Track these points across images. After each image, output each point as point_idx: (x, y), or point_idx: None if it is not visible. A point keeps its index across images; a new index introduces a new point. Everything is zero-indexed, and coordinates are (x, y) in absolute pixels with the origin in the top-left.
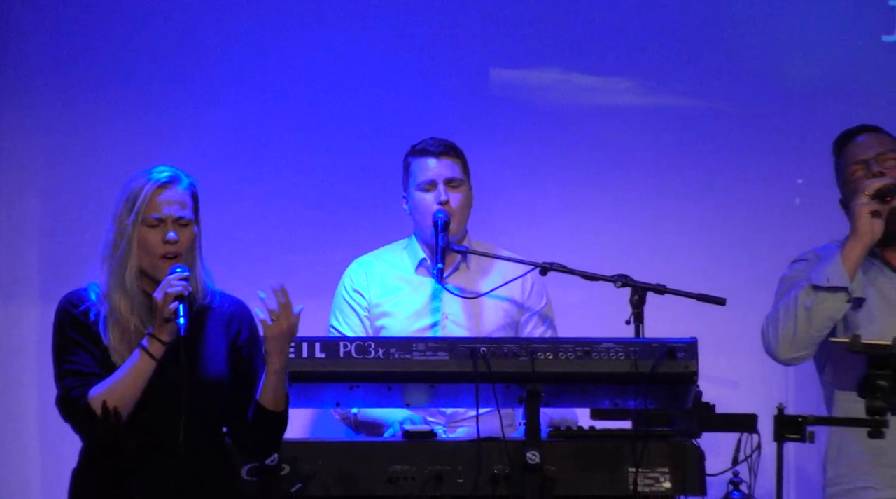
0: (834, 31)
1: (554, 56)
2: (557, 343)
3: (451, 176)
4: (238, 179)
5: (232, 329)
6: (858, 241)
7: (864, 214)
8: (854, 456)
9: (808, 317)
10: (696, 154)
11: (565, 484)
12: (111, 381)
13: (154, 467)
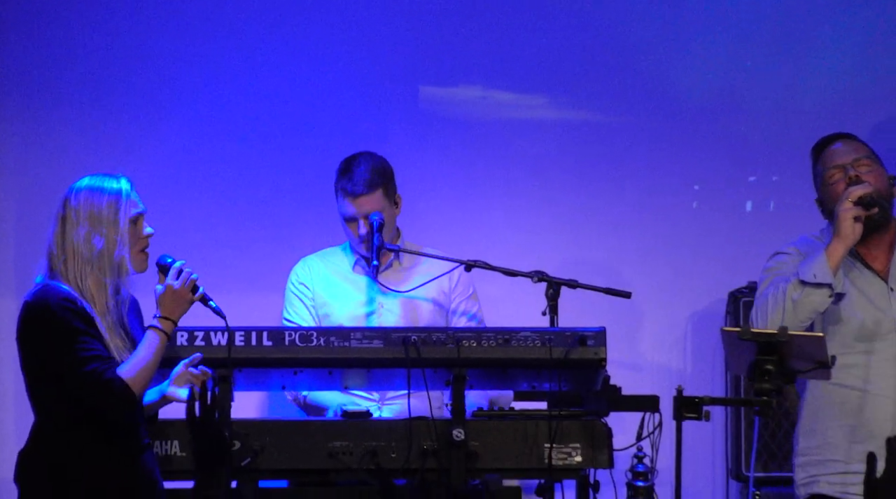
0: (731, 43)
1: (476, 75)
2: (480, 332)
3: (371, 210)
4: (198, 185)
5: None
6: (841, 242)
7: (847, 218)
8: (827, 432)
9: (795, 308)
10: (604, 163)
11: (487, 458)
12: (139, 361)
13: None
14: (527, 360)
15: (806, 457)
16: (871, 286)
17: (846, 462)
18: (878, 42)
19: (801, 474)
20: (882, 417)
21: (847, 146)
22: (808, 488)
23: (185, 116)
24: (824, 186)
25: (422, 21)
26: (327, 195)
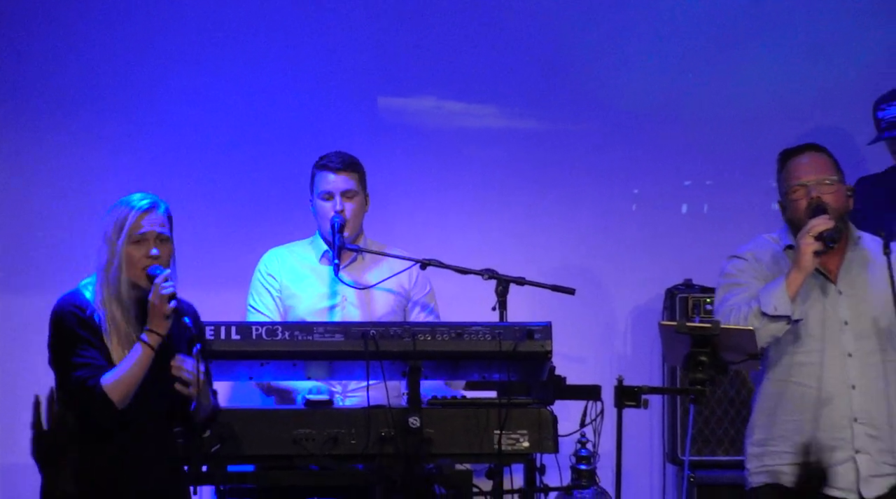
0: (671, 57)
1: (430, 86)
2: (435, 326)
3: (346, 188)
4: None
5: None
6: (801, 273)
7: (807, 252)
8: (780, 425)
9: (755, 334)
10: (549, 168)
11: (441, 444)
12: (120, 371)
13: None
14: (478, 352)
15: (760, 448)
16: (822, 289)
17: (796, 454)
18: (810, 55)
19: (754, 464)
20: (833, 411)
21: (813, 163)
22: (761, 478)
23: (158, 122)
24: (787, 196)
25: (380, 36)
26: (294, 196)
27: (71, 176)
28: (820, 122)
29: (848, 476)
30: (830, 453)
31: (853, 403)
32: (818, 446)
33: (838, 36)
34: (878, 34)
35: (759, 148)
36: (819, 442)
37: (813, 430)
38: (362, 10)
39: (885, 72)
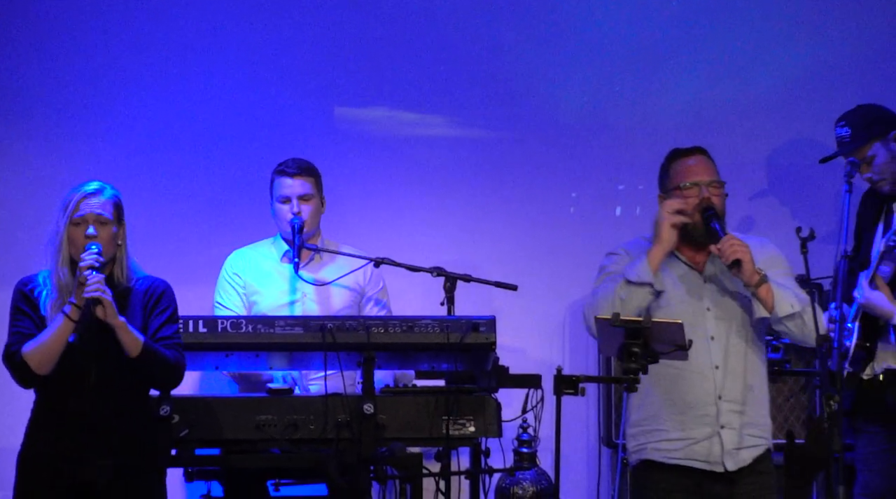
0: (601, 70)
1: (383, 97)
2: (387, 320)
3: (303, 192)
4: (141, 187)
5: (149, 303)
6: (660, 247)
7: (666, 226)
8: (652, 406)
9: (623, 305)
10: (494, 173)
11: (393, 429)
12: (39, 339)
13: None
14: (428, 344)
15: (636, 428)
16: (689, 279)
17: (668, 431)
18: (731, 68)
19: (632, 443)
20: (699, 390)
21: (704, 165)
22: (638, 455)
23: (130, 128)
24: (675, 192)
25: (337, 51)
26: (256, 198)
27: (42, 178)
28: (739, 131)
29: (713, 449)
30: (698, 428)
31: (717, 382)
32: (683, 422)
33: (758, 51)
34: (799, 50)
35: None
36: (688, 418)
37: (682, 408)
38: (320, 26)
39: (805, 86)
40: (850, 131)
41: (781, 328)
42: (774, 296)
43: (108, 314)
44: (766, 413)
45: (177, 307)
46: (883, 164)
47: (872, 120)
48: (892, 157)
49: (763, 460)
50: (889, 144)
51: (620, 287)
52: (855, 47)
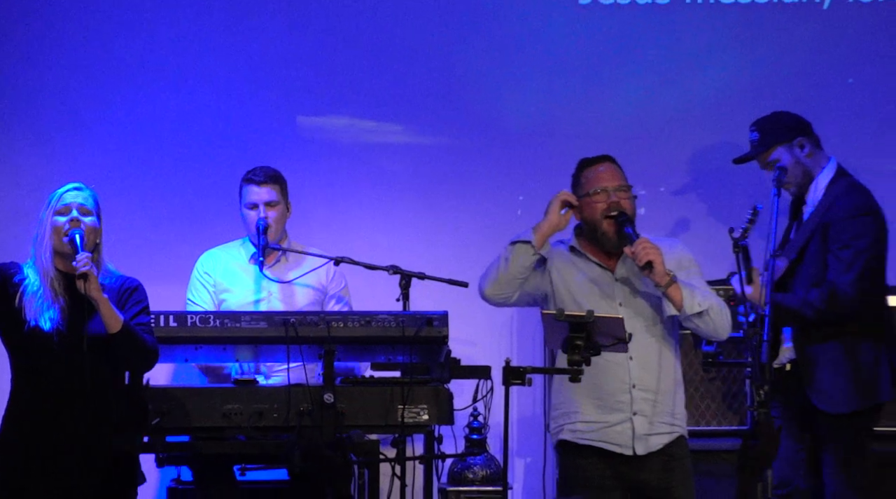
0: (548, 81)
1: (343, 107)
2: (347, 315)
3: (269, 199)
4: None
5: (123, 297)
6: (546, 221)
7: (555, 208)
8: (569, 391)
9: (507, 265)
10: (447, 177)
11: (352, 417)
12: None
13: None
14: (384, 337)
15: (556, 412)
16: (601, 279)
17: (584, 414)
18: (667, 78)
19: (553, 426)
20: (615, 379)
21: (612, 171)
22: (557, 436)
23: (106, 133)
24: (586, 197)
25: (300, 64)
26: (224, 202)
27: (20, 176)
28: (674, 137)
29: (625, 434)
30: (612, 413)
31: (631, 372)
32: (597, 406)
33: (693, 63)
34: (731, 62)
35: (626, 161)
36: (603, 404)
37: (598, 394)
38: (284, 42)
39: (736, 95)
40: (758, 136)
41: (690, 325)
42: (683, 295)
43: (92, 288)
44: (680, 402)
45: (148, 303)
46: (787, 168)
47: (779, 126)
48: (795, 161)
49: (673, 446)
50: (793, 148)
51: (506, 250)
52: (782, 60)
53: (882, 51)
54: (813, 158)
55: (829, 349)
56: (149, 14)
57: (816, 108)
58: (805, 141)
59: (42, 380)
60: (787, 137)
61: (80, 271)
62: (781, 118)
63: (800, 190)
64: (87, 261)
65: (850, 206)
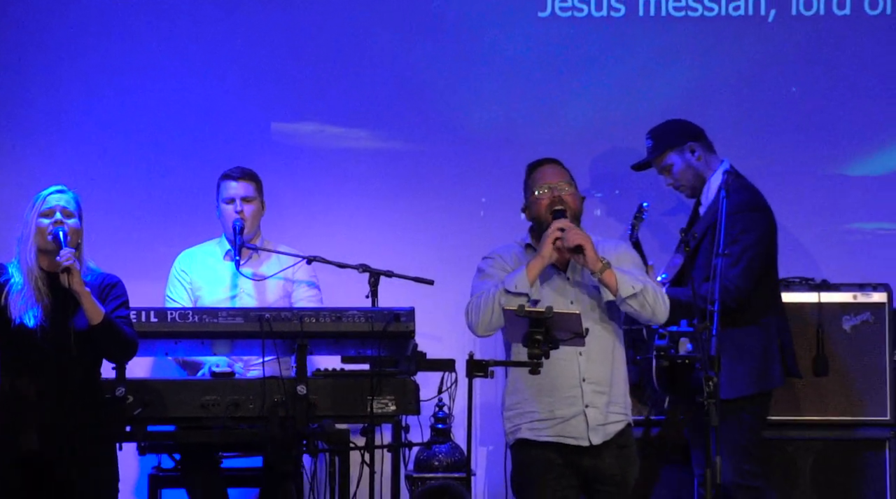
0: (507, 88)
1: (313, 114)
2: (319, 311)
3: (245, 194)
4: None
5: (104, 293)
6: (539, 260)
7: (549, 243)
8: (523, 390)
9: (501, 311)
10: (413, 180)
11: (323, 407)
12: None
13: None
14: (354, 332)
15: (511, 411)
16: (554, 279)
17: (539, 412)
18: (620, 88)
19: (508, 425)
20: (564, 375)
21: (554, 170)
22: (514, 435)
23: (89, 134)
24: (532, 198)
25: (272, 73)
26: (201, 203)
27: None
28: (628, 143)
29: (579, 426)
30: (566, 408)
31: (581, 366)
32: (551, 404)
33: (645, 75)
34: (681, 74)
35: (577, 163)
36: (556, 400)
37: (550, 390)
38: (258, 52)
39: (685, 105)
40: (652, 143)
41: (629, 309)
42: (617, 280)
43: (74, 282)
44: (626, 393)
45: (127, 298)
46: (679, 172)
47: (668, 132)
48: (686, 165)
49: (624, 433)
50: (684, 153)
51: (500, 294)
52: (729, 69)
53: (822, 61)
54: (703, 162)
55: (723, 339)
56: (129, 23)
57: (762, 116)
58: (696, 145)
59: (28, 374)
60: (677, 143)
61: (64, 266)
62: (672, 125)
63: (693, 192)
64: (71, 256)
65: (737, 203)
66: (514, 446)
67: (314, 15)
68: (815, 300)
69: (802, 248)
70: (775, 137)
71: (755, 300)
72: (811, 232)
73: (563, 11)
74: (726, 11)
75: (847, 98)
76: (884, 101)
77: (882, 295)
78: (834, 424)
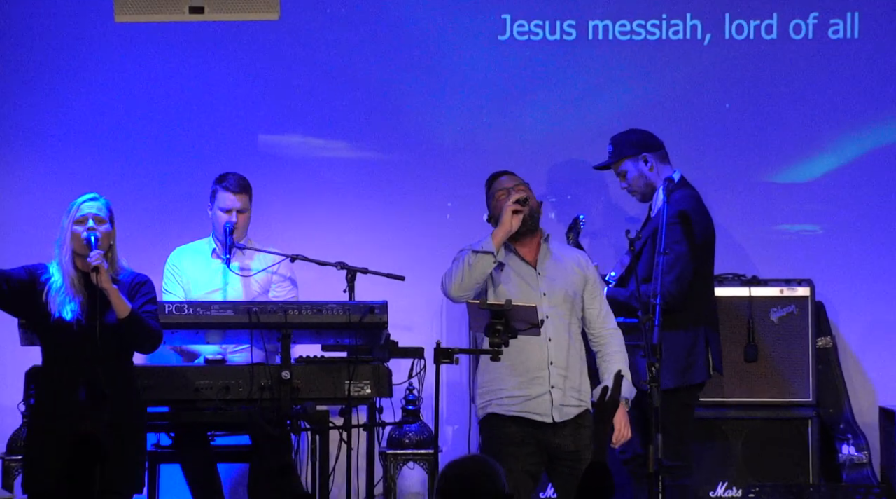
0: (472, 101)
1: (297, 126)
2: (301, 304)
3: (240, 207)
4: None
5: (133, 290)
6: (502, 228)
7: (508, 212)
8: (494, 370)
9: (471, 270)
10: (386, 187)
11: (306, 391)
12: None
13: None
14: (333, 323)
15: (483, 388)
16: (525, 271)
17: (509, 389)
18: (570, 104)
19: (479, 401)
20: (533, 357)
21: (510, 178)
22: (484, 410)
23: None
24: (494, 203)
25: (260, 90)
26: (192, 206)
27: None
28: (581, 153)
29: (544, 404)
30: (534, 387)
31: (549, 351)
32: (520, 383)
33: (596, 92)
34: (629, 91)
35: (533, 172)
36: (525, 380)
37: (521, 371)
38: (247, 70)
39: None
40: (611, 148)
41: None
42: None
43: (103, 280)
44: (586, 379)
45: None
46: (633, 178)
47: (627, 142)
48: (639, 173)
49: (583, 416)
50: (638, 162)
51: (469, 256)
52: (669, 87)
53: (752, 80)
54: (655, 171)
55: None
56: (123, 39)
57: (700, 129)
58: (649, 156)
59: (65, 361)
60: (632, 152)
61: (94, 265)
62: (632, 135)
63: (644, 197)
64: (99, 257)
65: (674, 212)
66: (484, 420)
67: (299, 37)
68: (746, 294)
69: (735, 246)
70: (711, 148)
71: (690, 310)
72: (743, 233)
73: (521, 35)
74: (667, 35)
75: (774, 113)
76: (807, 116)
77: (806, 289)
78: (763, 405)
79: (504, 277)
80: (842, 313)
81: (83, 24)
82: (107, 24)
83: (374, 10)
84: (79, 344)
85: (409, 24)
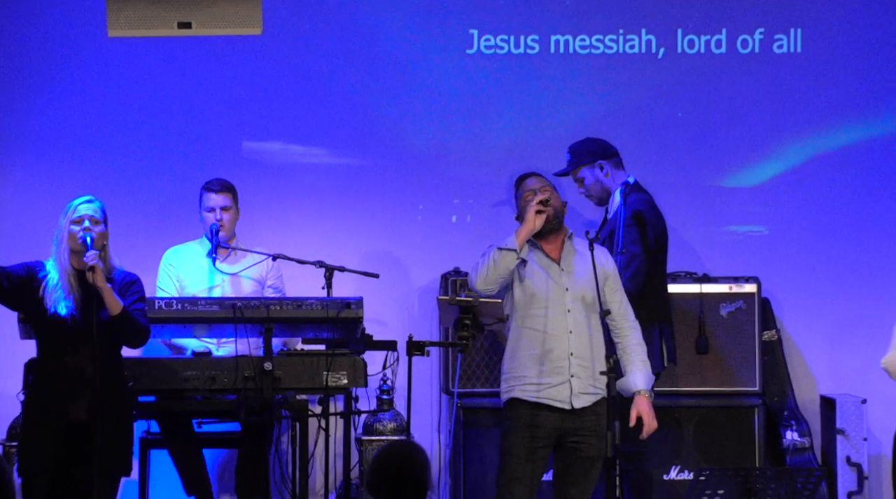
0: (445, 109)
1: (278, 134)
2: (282, 299)
3: (224, 205)
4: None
5: (124, 288)
6: (525, 227)
7: (532, 212)
8: (520, 358)
9: (495, 266)
10: (363, 191)
11: (287, 381)
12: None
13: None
14: (312, 318)
15: (507, 375)
16: (549, 267)
17: (531, 377)
18: (533, 114)
19: (504, 387)
20: (556, 347)
21: (537, 180)
22: (508, 394)
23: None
24: (521, 203)
25: (244, 100)
26: (184, 208)
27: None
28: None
29: (564, 392)
30: (555, 376)
31: (570, 343)
32: (542, 371)
33: (557, 103)
34: (589, 101)
35: (497, 179)
36: (547, 369)
37: (542, 360)
38: (233, 80)
39: (594, 128)
40: (569, 157)
41: None
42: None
43: (97, 279)
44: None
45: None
46: (589, 185)
47: (584, 150)
48: (595, 180)
49: (600, 403)
50: (594, 169)
51: (494, 252)
52: (625, 98)
53: (703, 91)
54: (611, 177)
55: None
56: (119, 49)
57: (655, 137)
58: (605, 163)
59: (59, 355)
60: (589, 160)
61: (90, 265)
62: (588, 144)
63: (600, 201)
64: (95, 257)
65: (630, 214)
66: (507, 404)
67: (280, 51)
68: (697, 291)
69: (687, 246)
70: (665, 155)
71: (645, 306)
72: (695, 233)
73: (487, 49)
74: (623, 49)
75: (723, 122)
76: (753, 125)
77: (752, 286)
78: (713, 393)
79: (529, 272)
80: (786, 309)
81: (78, 37)
82: (100, 39)
83: (350, 25)
84: (72, 338)
85: (383, 39)
